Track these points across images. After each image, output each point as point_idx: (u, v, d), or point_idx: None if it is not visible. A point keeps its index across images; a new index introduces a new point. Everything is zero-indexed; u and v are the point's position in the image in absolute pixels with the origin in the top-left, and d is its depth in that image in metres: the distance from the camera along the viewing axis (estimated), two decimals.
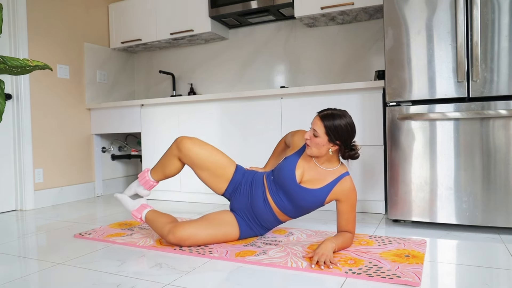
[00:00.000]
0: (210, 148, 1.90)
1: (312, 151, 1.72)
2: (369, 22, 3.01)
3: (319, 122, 1.69)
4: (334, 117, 1.68)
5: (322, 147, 1.70)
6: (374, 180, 2.46)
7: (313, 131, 1.70)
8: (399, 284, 1.34)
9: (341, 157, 1.77)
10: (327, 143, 1.69)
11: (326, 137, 1.68)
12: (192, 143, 1.88)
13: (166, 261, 1.64)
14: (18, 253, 1.83)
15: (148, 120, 3.22)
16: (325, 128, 1.67)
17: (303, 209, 1.79)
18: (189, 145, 1.87)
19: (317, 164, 1.77)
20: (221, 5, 3.14)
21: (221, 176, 1.88)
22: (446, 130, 2.02)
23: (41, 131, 3.09)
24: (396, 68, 2.12)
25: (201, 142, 1.90)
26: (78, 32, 3.42)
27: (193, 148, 1.86)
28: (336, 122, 1.67)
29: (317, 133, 1.68)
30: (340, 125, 1.67)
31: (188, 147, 1.86)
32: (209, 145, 1.91)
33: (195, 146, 1.87)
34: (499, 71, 1.91)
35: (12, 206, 2.95)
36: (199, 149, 1.86)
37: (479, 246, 1.77)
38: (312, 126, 1.72)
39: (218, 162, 1.88)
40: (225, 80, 3.60)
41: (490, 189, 1.95)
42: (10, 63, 1.66)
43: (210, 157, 1.87)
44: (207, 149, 1.88)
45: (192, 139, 1.90)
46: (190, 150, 1.86)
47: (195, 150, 1.86)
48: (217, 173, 1.88)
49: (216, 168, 1.87)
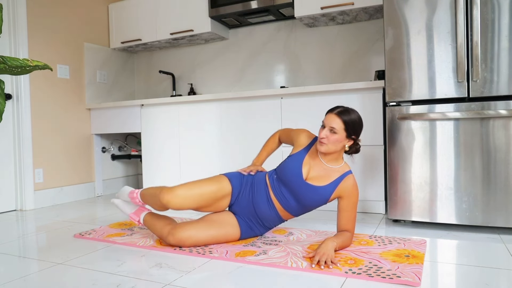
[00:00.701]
0: (194, 186, 1.78)
1: (328, 148, 1.71)
2: (369, 22, 3.01)
3: (337, 118, 1.70)
4: (349, 113, 1.72)
5: (339, 144, 1.72)
6: (374, 180, 2.46)
7: (330, 129, 1.70)
8: (399, 284, 1.34)
9: (347, 152, 1.79)
10: (345, 139, 1.72)
11: (344, 133, 1.70)
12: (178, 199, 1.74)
13: (166, 261, 1.64)
14: (18, 253, 1.83)
15: (148, 120, 3.22)
16: (344, 124, 1.69)
17: (307, 207, 1.80)
18: (177, 204, 1.74)
19: (323, 162, 1.78)
20: (221, 5, 3.14)
21: (220, 201, 1.85)
22: (446, 130, 2.02)
23: (41, 131, 3.09)
24: (396, 68, 2.12)
25: (186, 192, 1.75)
26: (78, 32, 3.42)
27: (182, 205, 1.75)
28: (352, 117, 1.71)
29: (336, 130, 1.69)
30: (356, 119, 1.72)
31: (178, 206, 1.75)
32: (193, 187, 1.78)
33: (183, 203, 1.74)
34: (499, 71, 1.91)
35: (12, 206, 2.95)
36: (188, 201, 1.75)
37: (479, 246, 1.77)
38: (328, 124, 1.70)
39: (212, 195, 1.80)
40: (225, 80, 3.60)
41: (490, 189, 1.94)
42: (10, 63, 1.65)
43: (201, 195, 1.77)
44: (193, 191, 1.77)
45: (177, 194, 1.74)
46: (180, 207, 1.76)
47: (185, 205, 1.76)
48: (216, 202, 1.84)
49: (213, 201, 1.82)
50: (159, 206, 1.82)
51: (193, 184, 1.81)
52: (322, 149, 1.72)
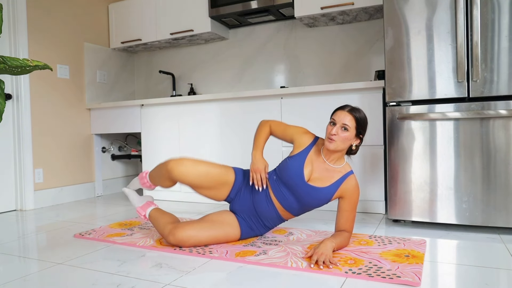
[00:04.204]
0: (201, 165, 1.79)
1: (337, 145, 1.69)
2: (369, 22, 3.01)
3: (349, 115, 1.69)
4: (359, 111, 1.73)
5: (347, 142, 1.71)
6: (374, 180, 2.46)
7: (342, 126, 1.68)
8: (399, 284, 1.34)
9: (348, 153, 1.79)
10: (353, 137, 1.72)
11: (355, 131, 1.70)
12: (183, 167, 1.75)
13: (166, 261, 1.64)
14: (18, 253, 1.83)
15: (148, 120, 3.22)
16: (356, 121, 1.69)
17: (308, 207, 1.80)
18: (180, 171, 1.74)
19: (326, 161, 1.77)
20: (221, 5, 3.14)
21: (221, 188, 1.85)
22: (446, 130, 2.02)
23: (41, 131, 3.09)
24: (396, 68, 2.12)
25: (191, 163, 1.77)
26: (78, 32, 3.42)
27: (185, 173, 1.75)
28: (362, 115, 1.72)
29: (348, 127, 1.68)
30: (365, 118, 1.73)
31: (180, 174, 1.75)
32: (200, 162, 1.80)
33: (187, 171, 1.75)
34: (499, 71, 1.91)
35: (12, 206, 2.95)
36: (192, 172, 1.76)
37: (479, 246, 1.77)
38: (341, 120, 1.69)
39: (215, 177, 1.81)
40: (225, 80, 3.60)
41: (490, 189, 1.95)
42: (10, 63, 1.65)
43: (205, 175, 1.78)
44: (199, 168, 1.77)
45: (182, 163, 1.76)
46: (183, 176, 1.76)
47: (188, 175, 1.75)
48: (217, 187, 1.84)
49: (214, 183, 1.83)
50: (164, 177, 1.82)
51: (202, 161, 1.84)
52: (331, 147, 1.69)
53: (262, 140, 1.90)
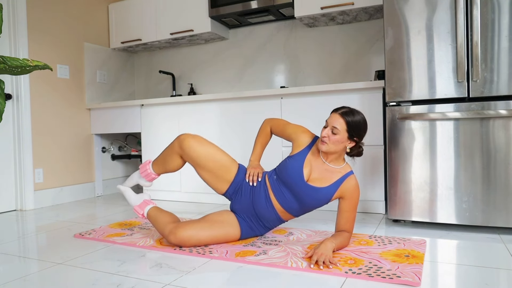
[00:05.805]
0: (212, 147, 1.86)
1: (329, 148, 1.70)
2: (369, 22, 3.01)
3: (340, 119, 1.69)
4: (354, 114, 1.70)
5: (340, 144, 1.70)
6: (374, 180, 2.46)
7: (332, 129, 1.69)
8: (399, 284, 1.34)
9: (348, 154, 1.78)
10: (346, 140, 1.71)
11: (346, 134, 1.69)
12: (195, 141, 1.83)
13: (166, 261, 1.64)
14: (18, 253, 1.83)
15: (148, 120, 3.22)
16: (347, 124, 1.68)
17: (308, 207, 1.80)
18: (191, 143, 1.82)
19: (325, 162, 1.77)
20: (221, 5, 3.14)
21: (222, 177, 1.86)
22: (446, 130, 2.02)
23: (41, 131, 3.09)
24: (396, 68, 2.12)
25: (204, 141, 1.86)
26: (78, 32, 3.42)
27: (195, 147, 1.82)
28: (356, 119, 1.69)
29: (337, 130, 1.68)
30: (359, 121, 1.70)
31: (190, 145, 1.82)
32: (211, 144, 1.87)
33: (198, 145, 1.83)
34: (499, 71, 1.91)
35: (12, 206, 2.95)
36: (201, 148, 1.83)
37: (479, 246, 1.77)
38: (331, 123, 1.70)
39: (220, 162, 1.85)
40: (225, 80, 3.60)
41: (490, 189, 1.95)
42: (10, 63, 1.66)
43: (212, 157, 1.83)
44: (210, 148, 1.84)
45: (195, 137, 1.85)
46: (192, 149, 1.82)
47: (197, 149, 1.82)
48: (219, 173, 1.85)
49: (218, 169, 1.85)
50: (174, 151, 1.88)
51: (212, 144, 1.88)
52: (323, 148, 1.71)
53: (261, 146, 2.00)
